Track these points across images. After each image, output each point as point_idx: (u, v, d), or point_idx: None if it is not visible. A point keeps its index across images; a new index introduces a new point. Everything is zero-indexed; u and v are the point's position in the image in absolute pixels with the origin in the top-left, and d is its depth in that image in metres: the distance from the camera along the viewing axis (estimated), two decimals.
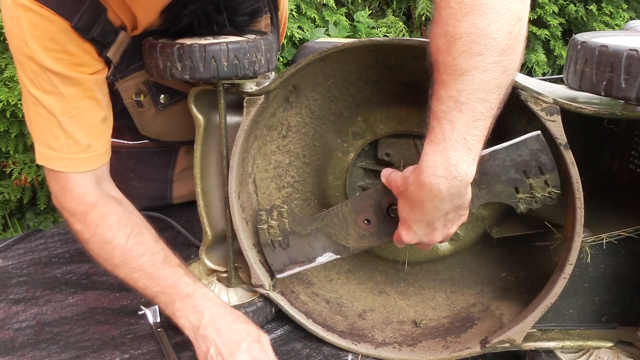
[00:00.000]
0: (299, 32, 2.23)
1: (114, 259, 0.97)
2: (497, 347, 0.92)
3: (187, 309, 0.93)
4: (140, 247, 0.97)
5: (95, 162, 0.98)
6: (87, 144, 0.96)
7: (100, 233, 0.97)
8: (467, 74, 0.70)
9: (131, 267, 0.96)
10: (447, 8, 0.70)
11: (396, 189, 0.85)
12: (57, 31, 0.87)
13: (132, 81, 1.05)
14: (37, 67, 0.89)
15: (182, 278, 0.96)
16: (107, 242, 0.96)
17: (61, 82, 0.91)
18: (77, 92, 0.93)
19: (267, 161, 1.09)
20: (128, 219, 0.99)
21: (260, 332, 0.93)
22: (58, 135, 0.94)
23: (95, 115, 0.97)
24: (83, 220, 0.97)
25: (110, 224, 0.97)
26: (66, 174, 0.96)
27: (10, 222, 2.19)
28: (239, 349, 0.88)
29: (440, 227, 0.84)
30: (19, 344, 1.01)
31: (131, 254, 0.96)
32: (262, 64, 0.96)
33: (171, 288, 0.95)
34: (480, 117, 0.72)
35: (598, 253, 0.90)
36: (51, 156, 0.95)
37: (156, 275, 0.96)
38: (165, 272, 0.96)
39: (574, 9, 2.81)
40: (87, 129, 0.96)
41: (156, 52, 0.93)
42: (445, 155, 0.73)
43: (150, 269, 0.96)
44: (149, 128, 1.20)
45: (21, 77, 0.92)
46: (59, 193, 0.98)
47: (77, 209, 0.97)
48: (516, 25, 0.70)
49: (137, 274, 0.96)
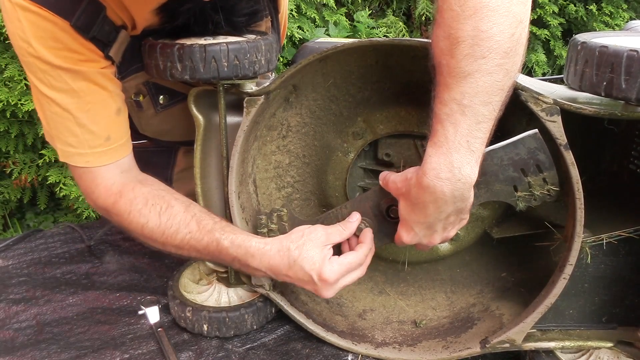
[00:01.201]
0: (299, 32, 2.23)
1: (158, 240, 0.96)
2: (497, 348, 0.92)
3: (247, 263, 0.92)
4: (174, 222, 0.95)
5: (116, 154, 0.97)
6: (105, 137, 0.95)
7: (134, 219, 0.96)
8: (470, 77, 0.70)
9: (175, 245, 0.96)
10: (449, 11, 0.70)
11: (395, 190, 0.85)
12: (58, 30, 0.87)
13: (132, 82, 1.05)
14: (45, 66, 0.88)
15: (222, 236, 0.93)
16: (144, 226, 0.96)
17: (71, 78, 0.90)
18: (88, 86, 0.92)
19: (267, 161, 1.09)
20: (155, 197, 0.98)
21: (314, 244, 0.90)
22: (76, 132, 0.93)
23: (109, 107, 0.96)
24: (116, 211, 0.97)
25: (139, 208, 0.96)
26: (91, 170, 0.96)
27: (10, 222, 2.19)
28: (317, 285, 0.87)
29: (440, 230, 0.84)
30: (19, 344, 1.01)
31: (169, 232, 0.95)
32: (262, 64, 0.96)
33: (218, 252, 0.94)
34: (483, 119, 0.72)
35: (598, 253, 0.90)
36: (72, 153, 0.95)
37: (199, 247, 0.95)
38: (204, 242, 0.94)
39: (574, 9, 2.81)
40: (103, 121, 0.95)
41: (156, 52, 0.93)
42: (448, 157, 0.73)
43: (192, 242, 0.95)
44: (147, 127, 1.20)
45: (31, 78, 0.92)
46: (89, 191, 0.98)
47: (106, 201, 0.97)
48: (518, 27, 0.70)
49: (185, 250, 0.96)
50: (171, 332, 1.04)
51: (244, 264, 0.93)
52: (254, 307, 1.04)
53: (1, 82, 1.80)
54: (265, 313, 1.06)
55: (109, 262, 1.29)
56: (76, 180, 0.99)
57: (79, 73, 0.91)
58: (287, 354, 1.00)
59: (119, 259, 1.31)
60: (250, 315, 1.03)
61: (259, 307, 1.04)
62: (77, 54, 0.90)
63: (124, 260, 1.30)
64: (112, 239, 1.39)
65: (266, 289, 1.03)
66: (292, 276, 0.89)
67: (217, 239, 0.93)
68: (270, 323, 1.08)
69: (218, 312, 1.02)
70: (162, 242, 0.96)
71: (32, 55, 0.88)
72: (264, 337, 1.04)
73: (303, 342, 1.03)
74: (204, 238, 0.94)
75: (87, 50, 0.91)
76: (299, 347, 1.01)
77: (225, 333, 1.02)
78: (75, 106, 0.92)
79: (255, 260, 0.91)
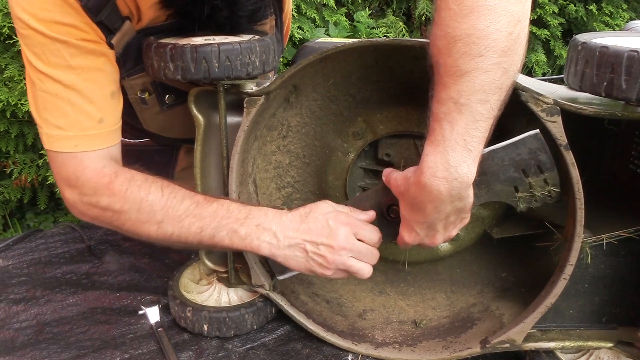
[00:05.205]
0: (299, 32, 2.24)
1: (156, 215, 0.91)
2: (497, 348, 0.92)
3: (253, 231, 0.90)
4: (178, 194, 0.92)
5: (107, 139, 0.93)
6: (98, 118, 0.91)
7: (132, 195, 0.91)
8: (468, 75, 0.70)
9: (177, 216, 0.91)
10: (446, 9, 0.70)
11: (396, 188, 0.85)
12: (68, 7, 0.85)
13: (139, 80, 1.05)
14: (44, 39, 0.86)
15: (231, 205, 0.92)
16: (143, 199, 0.91)
17: (70, 53, 0.87)
18: (87, 64, 0.89)
19: (267, 161, 1.09)
20: (154, 177, 0.94)
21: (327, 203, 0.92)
22: (67, 112, 0.89)
23: (105, 88, 0.93)
24: (110, 191, 0.91)
25: (139, 184, 0.92)
26: (77, 156, 0.90)
27: (10, 222, 2.19)
28: (331, 228, 0.88)
29: (441, 229, 0.84)
30: (19, 344, 1.01)
31: (172, 203, 0.91)
32: (256, 65, 0.94)
33: (227, 218, 0.90)
34: (481, 118, 0.72)
35: (598, 253, 0.90)
36: (59, 137, 0.90)
37: (206, 213, 0.91)
38: (213, 207, 0.91)
39: (574, 9, 2.81)
40: (97, 102, 0.91)
41: (151, 51, 0.93)
42: (445, 156, 0.73)
43: (197, 210, 0.91)
44: (151, 123, 1.19)
45: (26, 54, 0.88)
46: (73, 178, 0.92)
47: (99, 182, 0.91)
48: (516, 26, 0.70)
49: (187, 220, 0.91)
50: (171, 332, 1.04)
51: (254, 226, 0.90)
52: (254, 307, 1.04)
53: (1, 82, 1.80)
54: (265, 313, 1.06)
55: (109, 262, 1.29)
56: (55, 171, 0.92)
57: (80, 48, 0.88)
58: (287, 354, 1.00)
59: (119, 259, 1.30)
60: (251, 315, 1.03)
61: (259, 307, 1.04)
62: (82, 32, 0.88)
63: (124, 260, 1.30)
64: (112, 239, 1.39)
65: (266, 289, 1.03)
66: (304, 229, 0.88)
67: (228, 201, 0.92)
68: (271, 323, 1.08)
69: (218, 312, 1.02)
70: (161, 217, 0.91)
71: (33, 29, 0.85)
72: (264, 337, 1.04)
73: (303, 342, 1.03)
74: (213, 204, 0.92)
75: (92, 30, 0.89)
76: (299, 347, 1.01)
77: (226, 333, 1.02)
78: (70, 82, 0.88)
79: (267, 218, 0.90)
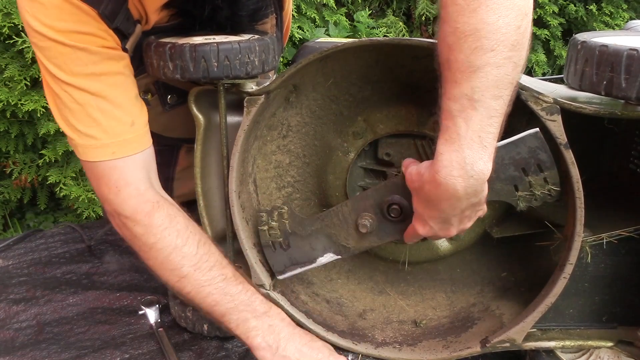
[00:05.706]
0: (299, 32, 2.24)
1: (182, 269, 0.89)
2: (497, 347, 0.92)
3: (263, 328, 0.90)
4: (211, 258, 0.91)
5: (142, 142, 0.92)
6: (130, 122, 0.89)
7: (168, 237, 0.89)
8: (480, 71, 0.70)
9: (201, 280, 0.90)
10: (453, 5, 0.70)
11: (411, 183, 0.84)
12: (85, 15, 0.84)
13: (143, 80, 1.04)
14: (64, 49, 0.84)
15: (255, 295, 0.93)
16: (177, 248, 0.89)
17: (92, 61, 0.86)
18: (109, 69, 0.88)
19: (267, 161, 1.09)
20: (194, 226, 0.93)
21: (331, 349, 0.95)
22: (97, 119, 0.87)
23: (130, 91, 0.92)
24: (148, 221, 0.89)
25: (179, 228, 0.91)
26: (118, 165, 0.89)
27: (10, 222, 2.19)
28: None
29: (456, 223, 0.83)
30: (19, 344, 1.01)
31: (202, 265, 0.90)
32: (255, 65, 0.94)
33: (245, 305, 0.91)
34: (495, 114, 0.72)
35: (598, 253, 0.90)
36: (94, 146, 0.88)
37: (229, 291, 0.91)
38: (238, 288, 0.92)
39: (574, 9, 2.82)
40: (125, 106, 0.90)
41: (151, 51, 0.93)
42: (461, 154, 0.73)
43: (222, 283, 0.90)
44: (153, 123, 1.19)
45: (46, 66, 0.86)
46: (113, 194, 0.90)
47: (139, 208, 0.90)
48: (524, 20, 0.70)
49: (209, 288, 0.90)
50: (171, 332, 1.04)
51: (266, 325, 0.92)
52: None
53: (1, 82, 1.80)
54: None
55: (109, 262, 1.29)
56: (96, 182, 0.91)
57: (101, 55, 0.87)
58: None
59: (119, 259, 1.31)
60: None
61: None
62: (101, 39, 0.87)
63: (124, 260, 1.30)
64: (113, 239, 1.39)
65: (266, 289, 1.03)
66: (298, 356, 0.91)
67: (253, 289, 0.94)
68: None
69: None
70: (186, 273, 0.90)
71: (52, 40, 0.84)
72: None
73: None
74: (238, 285, 0.92)
75: (110, 37, 0.89)
76: None
77: (226, 333, 1.02)
78: (96, 89, 0.87)
79: (282, 324, 0.94)
